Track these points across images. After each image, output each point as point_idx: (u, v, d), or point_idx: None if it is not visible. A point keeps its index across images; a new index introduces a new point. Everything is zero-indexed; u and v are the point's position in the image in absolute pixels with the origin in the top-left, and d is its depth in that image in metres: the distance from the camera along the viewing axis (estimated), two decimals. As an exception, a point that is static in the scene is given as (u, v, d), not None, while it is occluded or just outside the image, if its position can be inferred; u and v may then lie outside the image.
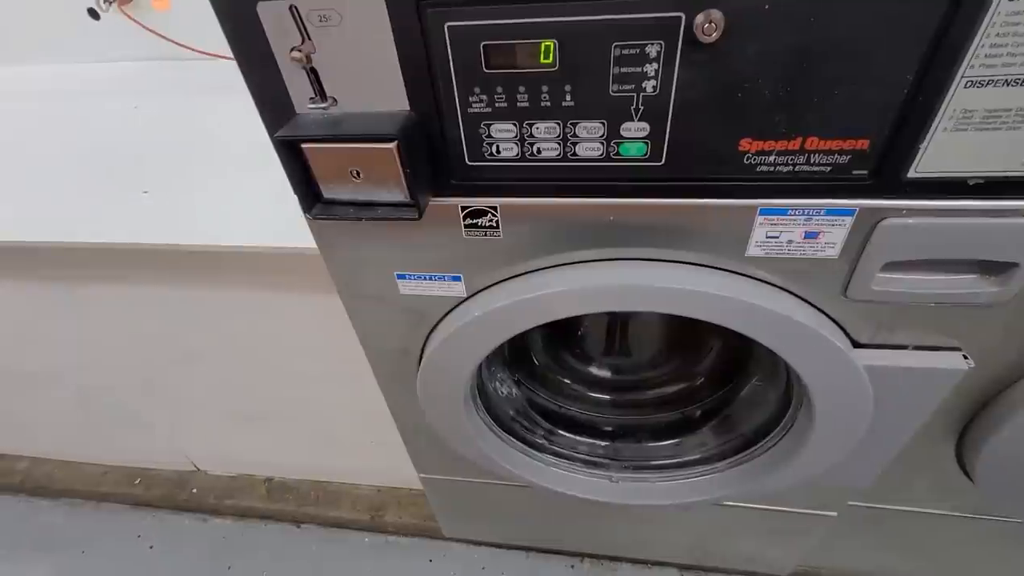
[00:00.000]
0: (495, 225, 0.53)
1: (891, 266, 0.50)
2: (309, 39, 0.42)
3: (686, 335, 0.84)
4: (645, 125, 0.43)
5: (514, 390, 0.84)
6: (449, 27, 0.40)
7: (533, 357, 0.87)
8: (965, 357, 0.56)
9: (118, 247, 0.79)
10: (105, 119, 1.08)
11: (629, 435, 0.86)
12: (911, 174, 0.43)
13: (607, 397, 0.88)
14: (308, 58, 0.42)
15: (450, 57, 0.41)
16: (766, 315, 0.53)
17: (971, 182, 0.43)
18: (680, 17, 0.38)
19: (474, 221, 0.53)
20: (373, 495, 1.43)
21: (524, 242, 0.54)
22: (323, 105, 0.45)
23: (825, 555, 1.03)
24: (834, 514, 0.86)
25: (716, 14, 0.37)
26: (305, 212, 0.49)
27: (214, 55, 1.14)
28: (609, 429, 0.88)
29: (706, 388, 0.83)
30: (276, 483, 1.47)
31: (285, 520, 1.45)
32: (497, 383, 0.81)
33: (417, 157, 0.46)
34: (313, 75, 0.44)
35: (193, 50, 1.15)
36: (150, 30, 1.15)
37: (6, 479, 1.55)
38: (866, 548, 0.97)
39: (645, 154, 0.45)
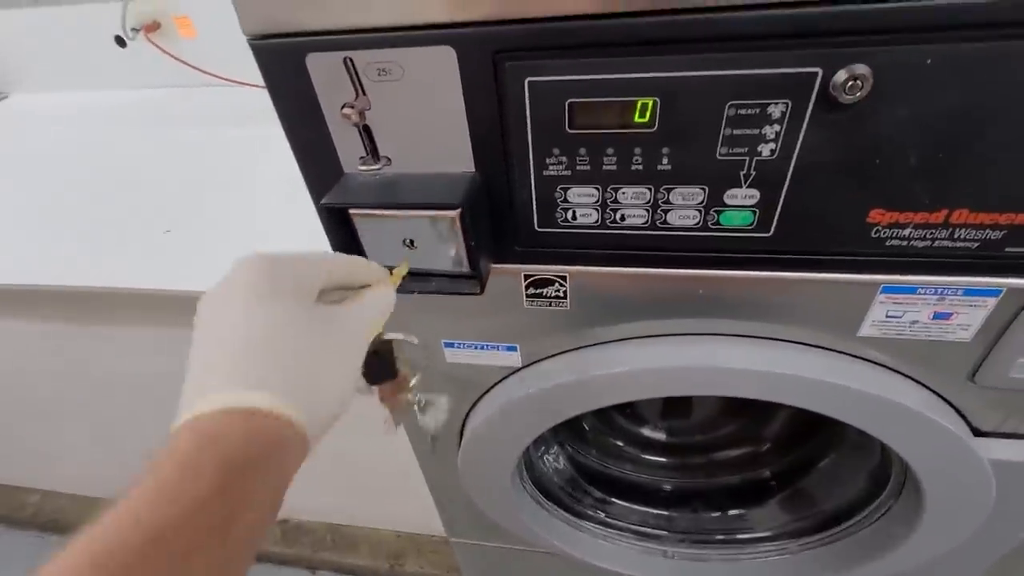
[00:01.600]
0: (562, 296, 0.46)
1: (1036, 352, 0.42)
2: (364, 94, 0.36)
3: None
4: (755, 192, 0.37)
5: (562, 460, 0.76)
6: (530, 83, 0.34)
7: (582, 420, 0.79)
8: (1110, 451, 0.48)
9: (136, 292, 0.74)
10: (129, 147, 1.04)
11: (685, 503, 0.78)
12: (1079, 253, 0.36)
13: (662, 459, 0.80)
14: (362, 115, 0.37)
15: (528, 116, 0.35)
16: (876, 403, 0.45)
17: None
18: (816, 73, 0.31)
19: (538, 291, 0.46)
20: (393, 541, 1.35)
21: (594, 313, 0.48)
22: (376, 166, 0.39)
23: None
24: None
25: (862, 70, 0.30)
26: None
27: (241, 83, 1.10)
28: (664, 495, 0.80)
29: (773, 454, 0.75)
30: (292, 525, 1.40)
31: (300, 565, 1.37)
32: (544, 453, 0.74)
33: (481, 225, 0.40)
34: (366, 133, 0.38)
35: (219, 77, 1.11)
36: (176, 58, 1.12)
37: (17, 512, 1.51)
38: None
39: (751, 224, 0.38)
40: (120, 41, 1.14)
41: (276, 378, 0.25)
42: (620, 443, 0.79)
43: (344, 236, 0.40)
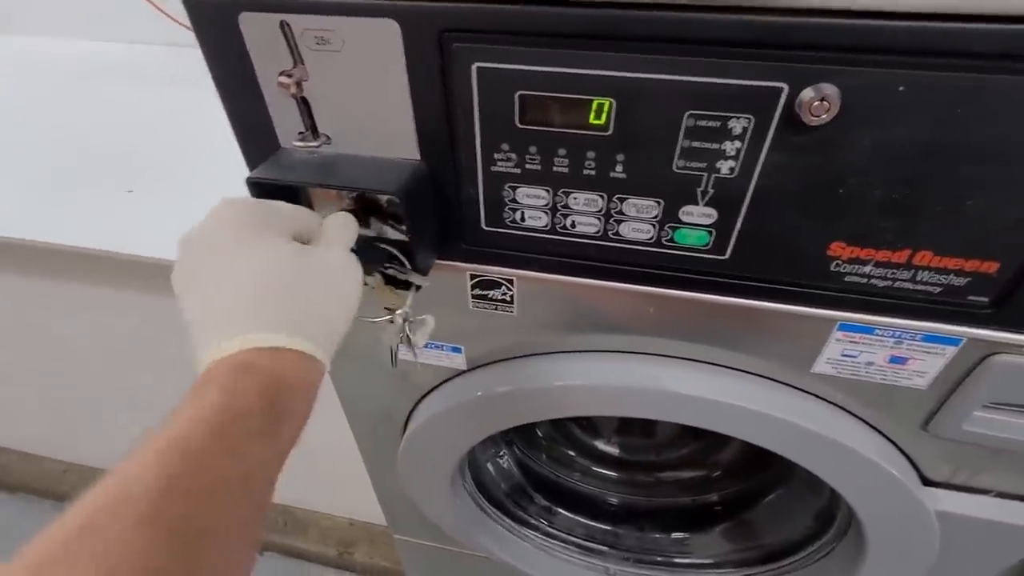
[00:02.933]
0: (509, 300, 0.44)
1: (993, 407, 0.40)
2: (302, 63, 0.33)
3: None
4: (712, 211, 0.34)
5: (511, 463, 0.74)
6: (478, 68, 0.31)
7: (535, 426, 0.77)
8: (1059, 514, 0.46)
9: (89, 253, 0.71)
10: (105, 102, 1.00)
11: (632, 520, 0.76)
12: (1045, 308, 0.34)
13: (613, 474, 0.78)
14: (299, 85, 0.34)
15: (476, 104, 0.33)
16: (823, 443, 0.43)
17: (1122, 328, 0.34)
18: (781, 89, 0.29)
19: (484, 293, 0.44)
20: (345, 529, 1.33)
21: (542, 322, 0.45)
22: (314, 143, 0.36)
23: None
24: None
25: (830, 90, 0.28)
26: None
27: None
28: (611, 510, 0.78)
29: (723, 480, 0.73)
30: (245, 503, 1.37)
31: (249, 545, 1.35)
32: (491, 456, 0.72)
33: (423, 218, 0.37)
34: (304, 106, 0.35)
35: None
36: (172, 17, 1.07)
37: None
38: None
39: (706, 244, 0.36)
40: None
41: (293, 317, 0.29)
42: (572, 453, 0.77)
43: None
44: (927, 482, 0.48)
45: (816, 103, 0.28)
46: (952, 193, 0.30)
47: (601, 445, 0.78)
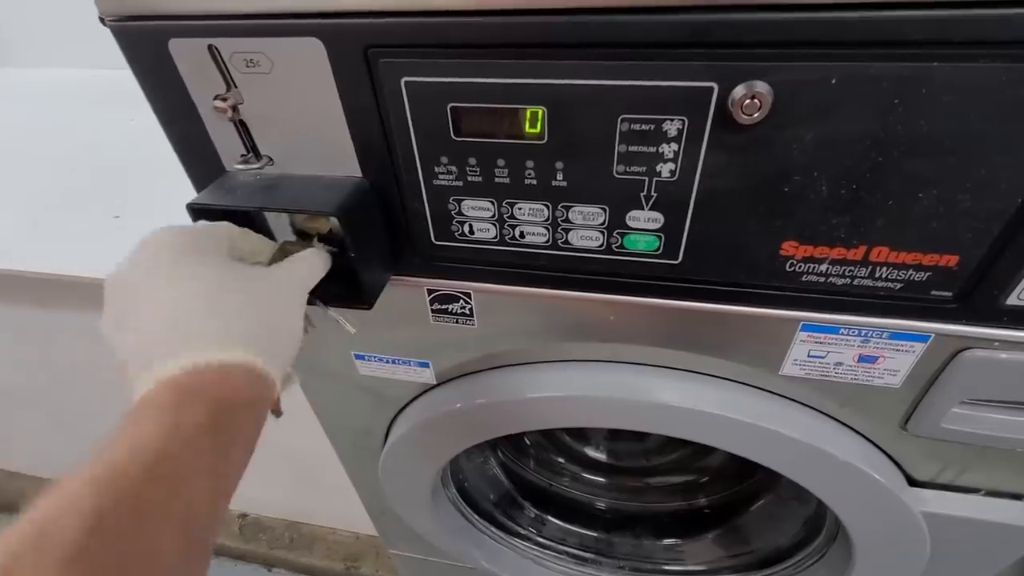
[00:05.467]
0: (468, 313, 0.43)
1: (970, 402, 0.39)
2: (235, 87, 0.33)
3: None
4: (658, 216, 0.34)
5: (498, 471, 0.73)
6: (407, 83, 0.31)
7: (523, 433, 0.76)
8: (1051, 511, 0.44)
9: (78, 280, 0.72)
10: (94, 129, 1.02)
11: (625, 527, 0.75)
12: (1012, 300, 0.33)
13: (602, 479, 0.77)
14: (235, 109, 0.34)
15: (409, 119, 0.32)
16: (798, 448, 0.42)
17: (1095, 318, 0.32)
18: (711, 89, 0.28)
19: (443, 307, 0.43)
20: (351, 543, 1.33)
21: (504, 334, 0.44)
22: (256, 165, 0.36)
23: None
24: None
25: (761, 88, 0.27)
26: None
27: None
28: (602, 517, 0.76)
29: (712, 486, 0.72)
30: (251, 520, 1.38)
31: (256, 561, 1.35)
32: (478, 465, 0.71)
33: (369, 236, 0.37)
34: (243, 128, 0.35)
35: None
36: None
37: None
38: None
39: (657, 249, 0.35)
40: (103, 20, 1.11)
41: (242, 332, 0.27)
42: (561, 459, 0.76)
43: (223, 238, 0.37)
44: (913, 482, 0.46)
45: (747, 101, 0.27)
46: (901, 187, 0.29)
47: (590, 451, 0.76)
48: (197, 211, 0.35)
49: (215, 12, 0.30)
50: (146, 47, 0.32)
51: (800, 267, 0.34)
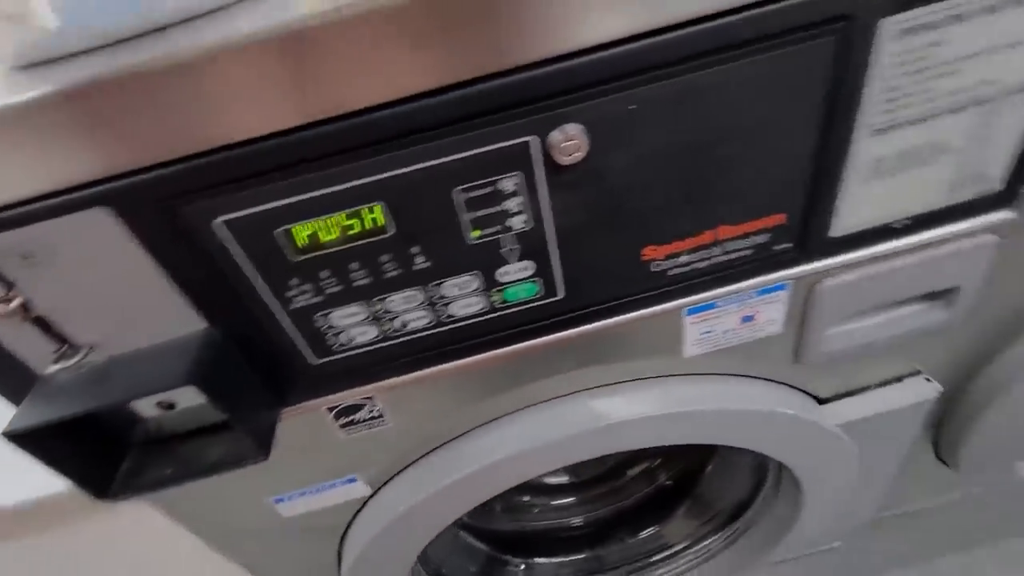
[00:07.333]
0: (378, 415, 0.41)
1: (837, 323, 0.44)
2: (15, 286, 0.28)
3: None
4: (528, 263, 0.34)
5: (469, 540, 0.70)
6: (226, 222, 0.28)
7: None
8: (928, 380, 0.51)
9: None
10: None
11: (606, 537, 0.75)
12: (836, 233, 0.37)
13: (571, 499, 0.77)
14: (25, 308, 0.28)
15: (239, 255, 0.29)
16: (723, 420, 0.45)
17: (897, 226, 0.38)
18: (527, 143, 0.29)
19: (350, 418, 0.40)
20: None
21: (423, 420, 0.42)
22: (76, 358, 0.31)
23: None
24: (838, 544, 0.80)
25: (574, 129, 0.28)
26: (100, 498, 0.34)
27: None
28: (582, 533, 0.76)
29: (668, 463, 0.75)
30: None
31: None
32: (447, 543, 0.67)
33: (236, 386, 0.33)
34: (42, 325, 0.30)
35: None
36: None
37: None
38: (872, 554, 0.93)
39: (539, 293, 0.36)
40: None
41: None
42: (526, 498, 0.75)
43: (63, 452, 0.31)
44: (822, 401, 0.51)
45: (565, 144, 0.28)
46: (720, 174, 0.32)
47: (551, 480, 0.76)
48: (21, 438, 0.29)
49: (-43, 215, 0.25)
50: None
51: (664, 265, 0.36)
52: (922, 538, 0.89)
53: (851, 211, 0.36)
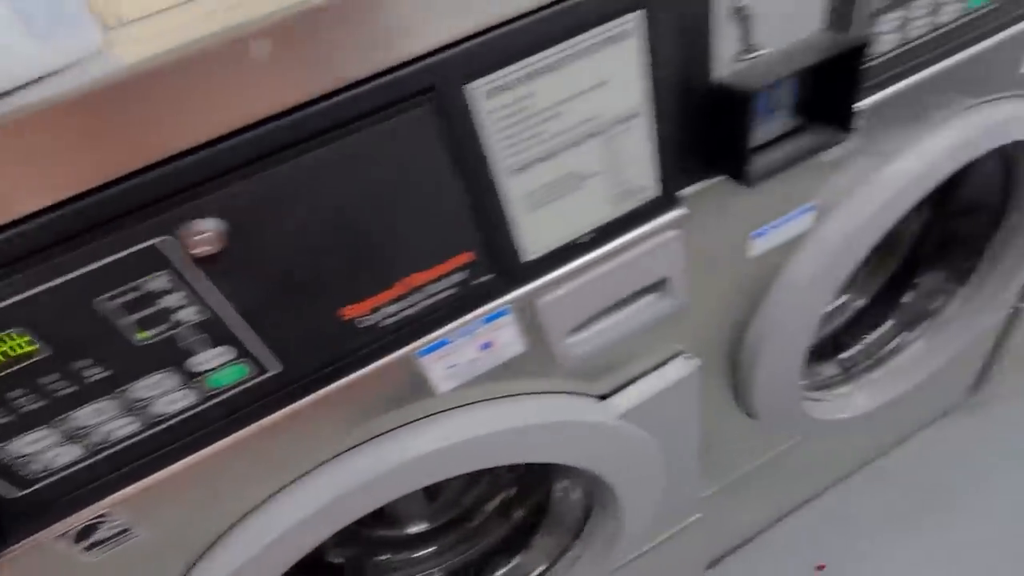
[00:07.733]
0: (122, 529, 0.39)
1: (573, 332, 0.48)
2: None
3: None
4: (225, 348, 0.34)
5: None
6: None
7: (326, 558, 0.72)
8: (688, 358, 0.57)
9: None
10: None
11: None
12: (529, 258, 0.41)
13: (433, 548, 0.76)
14: None
15: None
16: (495, 441, 0.47)
17: (584, 240, 0.43)
18: (155, 246, 0.29)
19: (88, 540, 0.38)
20: None
21: (183, 519, 0.41)
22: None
23: (717, 539, 1.04)
24: (699, 515, 0.86)
25: (203, 224, 0.30)
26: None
27: None
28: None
29: (519, 498, 0.76)
30: None
31: None
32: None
33: None
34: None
35: None
36: None
37: None
38: (741, 510, 1.00)
39: (251, 372, 0.36)
40: None
41: None
42: (387, 556, 0.74)
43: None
44: (603, 397, 0.55)
45: (198, 238, 0.30)
46: (386, 231, 0.35)
47: (412, 529, 0.75)
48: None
49: None
50: None
51: (373, 319, 0.38)
52: (772, 488, 0.98)
53: (532, 237, 0.40)
